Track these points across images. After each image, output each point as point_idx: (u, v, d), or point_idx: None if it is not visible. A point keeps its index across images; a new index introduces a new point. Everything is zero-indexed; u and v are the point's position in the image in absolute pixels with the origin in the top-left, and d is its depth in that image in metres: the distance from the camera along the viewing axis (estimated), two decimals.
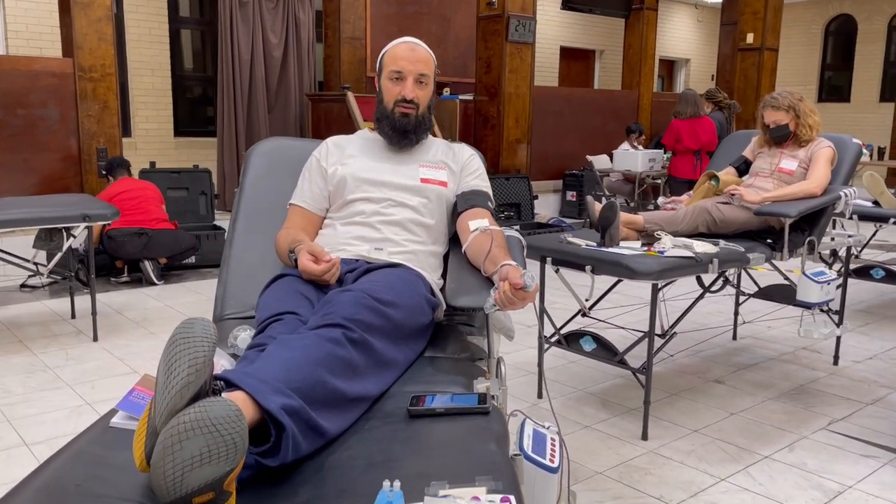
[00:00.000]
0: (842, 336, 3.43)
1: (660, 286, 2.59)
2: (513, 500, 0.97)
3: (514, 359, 3.46)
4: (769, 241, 3.04)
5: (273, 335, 1.37)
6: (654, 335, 2.64)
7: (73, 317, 4.18)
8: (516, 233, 1.88)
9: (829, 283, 2.99)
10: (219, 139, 6.82)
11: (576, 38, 12.52)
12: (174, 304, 4.58)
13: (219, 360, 1.29)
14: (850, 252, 3.51)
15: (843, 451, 2.61)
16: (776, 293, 3.47)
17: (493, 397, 1.31)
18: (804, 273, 2.99)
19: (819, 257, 3.19)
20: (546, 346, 3.02)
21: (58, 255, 3.68)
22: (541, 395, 3.07)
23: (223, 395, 1.06)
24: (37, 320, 4.14)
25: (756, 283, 3.60)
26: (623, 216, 2.88)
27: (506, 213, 7.20)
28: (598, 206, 2.87)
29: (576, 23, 12.20)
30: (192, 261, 5.47)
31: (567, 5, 9.55)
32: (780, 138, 3.22)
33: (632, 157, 7.26)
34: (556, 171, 8.66)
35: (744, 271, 3.54)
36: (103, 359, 3.52)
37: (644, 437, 2.68)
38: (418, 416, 1.24)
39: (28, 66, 5.33)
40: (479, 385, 1.39)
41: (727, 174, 3.36)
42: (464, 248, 1.76)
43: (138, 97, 7.87)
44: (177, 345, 1.02)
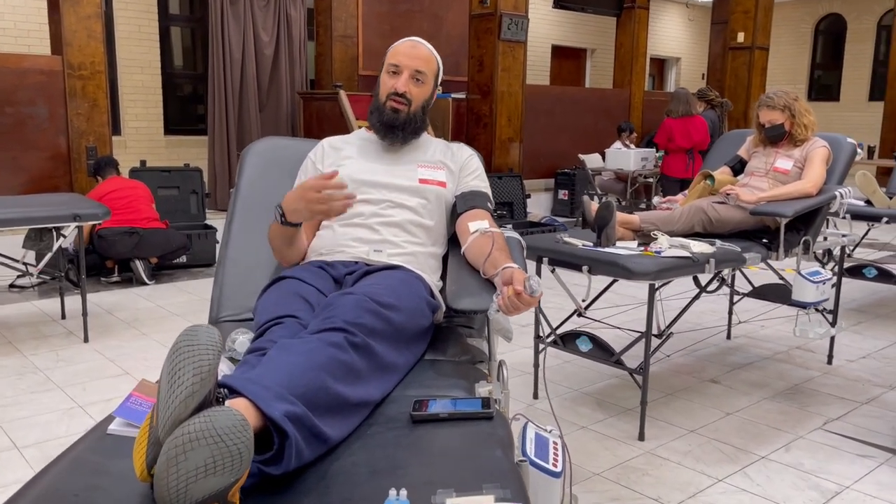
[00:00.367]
0: (836, 335, 3.44)
1: (657, 286, 2.59)
2: None
3: (509, 359, 3.42)
4: (765, 240, 3.04)
5: (273, 339, 1.34)
6: (651, 335, 2.63)
7: (64, 317, 4.13)
8: (516, 234, 1.86)
9: (825, 283, 2.99)
10: (210, 138, 6.77)
11: (567, 37, 12.52)
12: (165, 304, 4.54)
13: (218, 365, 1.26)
14: (843, 251, 3.52)
15: (839, 450, 2.62)
16: (770, 293, 3.47)
17: (496, 401, 1.29)
18: (800, 273, 2.99)
19: (813, 257, 3.19)
20: (542, 346, 3.02)
21: (48, 256, 3.64)
22: (536, 396, 3.05)
23: (226, 403, 1.04)
24: (26, 321, 4.10)
25: (750, 282, 3.60)
26: (619, 216, 2.87)
27: (498, 211, 7.18)
28: (595, 206, 2.86)
29: (567, 21, 12.21)
30: (183, 260, 5.43)
31: (559, 4, 9.55)
32: (776, 138, 3.22)
33: (624, 156, 7.26)
34: (547, 170, 8.67)
35: (738, 271, 3.54)
36: (94, 360, 3.48)
37: (641, 437, 2.68)
38: (421, 422, 1.22)
39: (17, 64, 5.28)
40: (482, 389, 1.38)
41: (722, 173, 3.36)
42: (463, 249, 1.74)
43: (128, 95, 7.80)
44: (180, 352, 1.00)
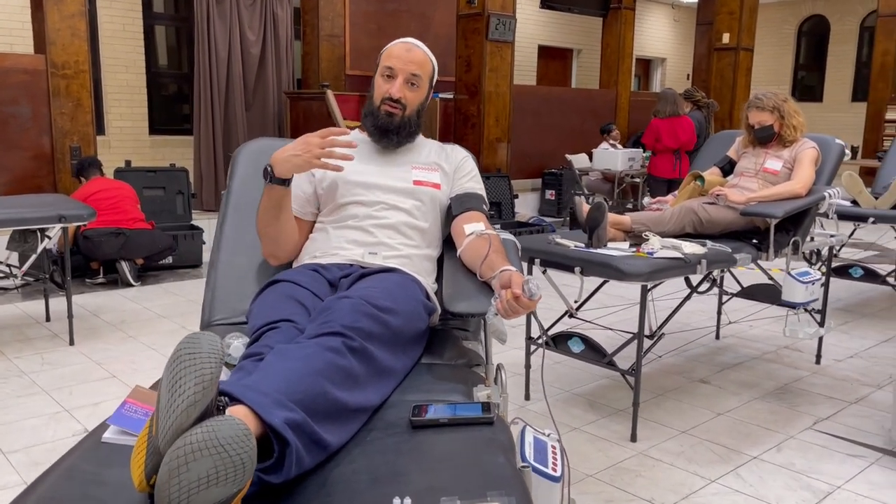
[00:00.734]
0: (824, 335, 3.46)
1: (649, 287, 2.59)
2: None
3: (500, 360, 3.43)
4: (755, 241, 3.05)
5: (269, 344, 1.32)
6: (644, 336, 2.64)
7: (48, 320, 4.08)
8: (511, 236, 1.85)
9: (814, 283, 3.01)
10: (195, 137, 6.72)
11: (553, 37, 12.54)
12: (152, 305, 4.49)
13: None
14: (832, 252, 3.54)
15: (830, 450, 2.63)
16: (759, 293, 3.48)
17: (496, 406, 1.28)
18: (789, 273, 3.00)
19: (802, 257, 3.21)
20: (533, 347, 3.01)
21: (32, 257, 3.59)
22: (528, 397, 3.05)
23: (226, 412, 1.02)
24: (10, 323, 4.04)
25: (739, 282, 3.61)
26: (610, 217, 2.87)
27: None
28: (586, 207, 2.86)
29: (553, 22, 12.23)
30: (169, 261, 5.38)
31: (546, 4, 9.56)
32: (765, 139, 3.23)
33: (612, 157, 7.28)
34: (534, 170, 8.67)
35: (727, 271, 3.56)
36: (80, 363, 3.43)
37: (633, 438, 2.68)
38: (421, 427, 1.21)
39: None
40: (480, 393, 1.37)
41: (712, 174, 3.38)
42: (459, 252, 1.73)
43: (112, 94, 7.72)
44: (181, 360, 0.98)
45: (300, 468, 1.07)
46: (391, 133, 1.81)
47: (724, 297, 3.82)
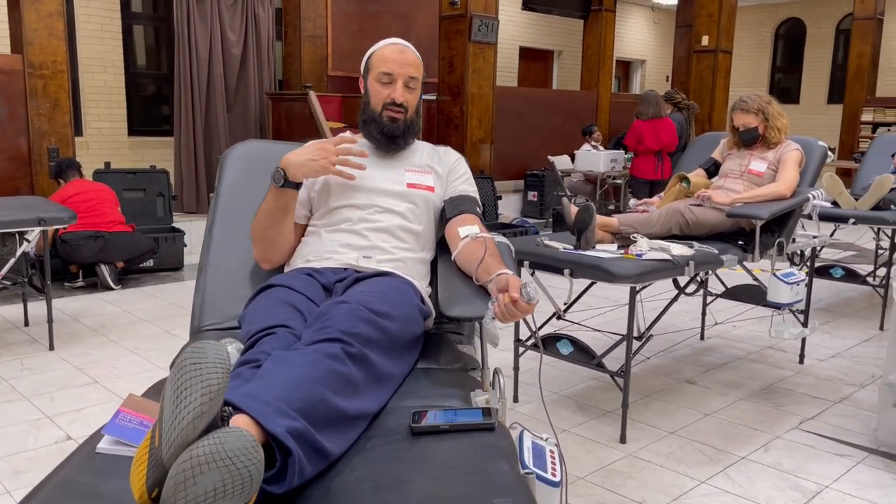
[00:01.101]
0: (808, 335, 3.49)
1: (637, 289, 2.59)
2: None
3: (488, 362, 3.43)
4: (740, 242, 3.07)
5: (266, 350, 1.30)
6: (633, 338, 2.64)
7: (27, 324, 4.00)
8: (504, 238, 1.84)
9: (799, 284, 3.03)
10: (176, 139, 6.64)
11: (535, 39, 12.57)
12: (133, 309, 4.43)
13: None
14: (814, 253, 3.58)
15: (817, 450, 2.65)
16: (743, 293, 3.50)
17: (496, 411, 1.27)
18: (775, 274, 3.02)
19: (786, 258, 3.24)
20: (521, 349, 3.01)
21: (11, 261, 3.52)
22: (517, 399, 3.04)
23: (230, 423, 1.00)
24: None
25: (723, 283, 3.64)
26: (597, 219, 2.87)
27: None
28: (574, 209, 2.86)
29: (534, 23, 12.26)
30: (149, 264, 5.32)
31: (527, 6, 9.59)
32: (750, 141, 3.25)
33: (594, 158, 7.31)
34: (517, 172, 8.68)
35: (712, 272, 3.58)
36: (61, 368, 3.37)
37: (622, 440, 2.68)
38: (421, 434, 1.19)
39: None
40: (479, 398, 1.35)
41: (697, 176, 3.39)
42: (454, 255, 1.71)
43: (90, 95, 7.61)
44: (186, 371, 0.95)
45: (302, 478, 1.05)
46: (398, 138, 1.81)
47: (709, 298, 3.85)
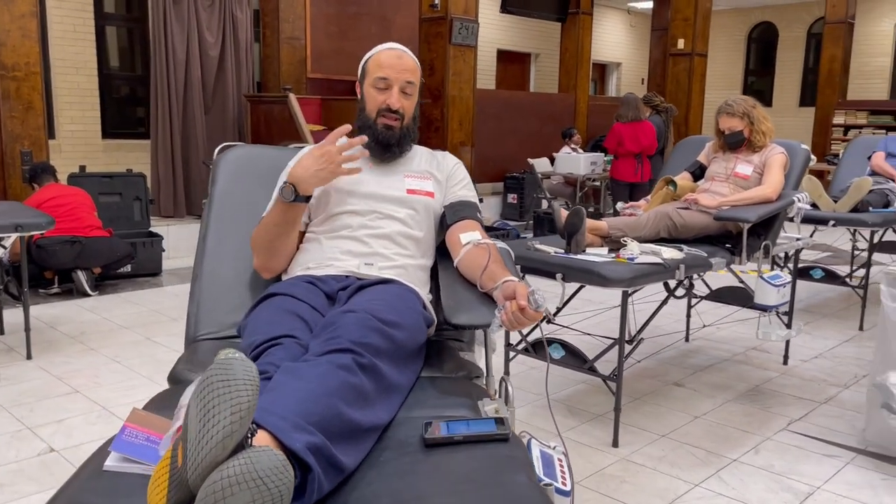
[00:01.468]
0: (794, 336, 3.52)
1: (630, 293, 2.59)
2: None
3: None
4: (727, 245, 3.09)
5: (274, 362, 1.27)
6: (625, 342, 2.64)
7: (2, 333, 3.90)
8: (504, 244, 1.83)
9: (785, 286, 3.06)
10: (153, 142, 6.54)
11: (512, 42, 12.60)
12: (111, 316, 4.34)
13: None
14: (798, 255, 3.62)
15: (806, 451, 2.67)
16: (728, 296, 3.53)
17: (508, 420, 1.25)
18: (762, 277, 3.04)
19: (772, 260, 3.27)
20: (512, 354, 2.99)
21: None
22: (506, 404, 3.02)
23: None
24: None
25: (707, 285, 3.66)
26: (587, 222, 2.87)
27: None
28: (565, 213, 2.85)
29: (512, 26, 12.29)
30: (127, 270, 5.22)
31: (505, 9, 9.61)
32: (735, 144, 3.28)
33: (574, 161, 7.33)
34: (496, 174, 8.69)
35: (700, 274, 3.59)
36: (40, 378, 3.29)
37: (615, 444, 2.68)
38: (435, 445, 1.17)
39: None
40: (487, 407, 1.33)
41: (683, 179, 3.41)
42: (456, 261, 1.69)
43: (63, 97, 7.46)
44: (213, 388, 0.91)
45: (320, 494, 1.02)
46: (393, 146, 1.78)
47: (693, 301, 3.87)
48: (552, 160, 8.08)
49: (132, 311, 4.48)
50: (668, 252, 2.70)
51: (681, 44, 9.99)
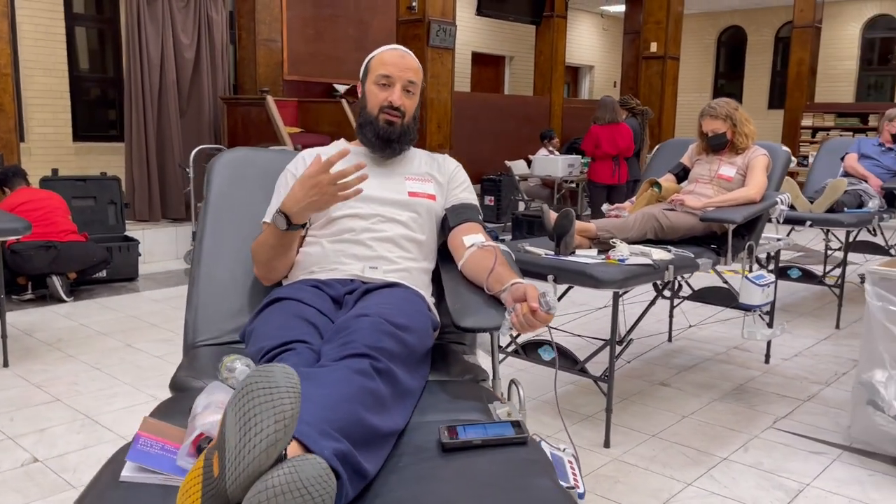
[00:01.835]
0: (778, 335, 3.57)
1: (621, 294, 2.61)
2: None
3: None
4: (713, 246, 3.13)
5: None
6: (616, 343, 2.66)
7: None
8: (505, 246, 1.82)
9: (769, 286, 3.10)
10: (127, 144, 6.44)
11: (487, 44, 12.64)
12: (89, 322, 4.26)
13: (227, 398, 1.16)
14: (779, 255, 3.67)
15: (793, 448, 2.71)
16: (711, 296, 3.57)
17: (524, 424, 1.25)
18: (747, 277, 3.08)
19: (756, 261, 3.31)
20: (502, 356, 2.99)
21: None
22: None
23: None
24: None
25: (689, 285, 3.69)
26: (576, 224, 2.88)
27: None
28: (554, 215, 2.86)
29: (486, 28, 12.33)
30: (102, 275, 5.13)
31: (481, 11, 9.64)
32: (718, 146, 3.32)
33: (552, 163, 7.37)
34: (473, 176, 8.61)
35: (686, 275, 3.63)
36: (18, 386, 3.21)
37: (606, 444, 2.69)
38: (454, 450, 1.16)
39: None
40: (499, 410, 1.33)
41: (667, 181, 3.44)
42: (460, 264, 1.68)
43: (32, 99, 7.30)
44: (254, 395, 0.89)
45: (346, 501, 1.01)
46: (393, 142, 1.77)
47: (676, 301, 3.90)
48: (529, 162, 8.11)
49: (110, 317, 4.39)
50: (658, 253, 2.72)
51: (654, 47, 10.09)
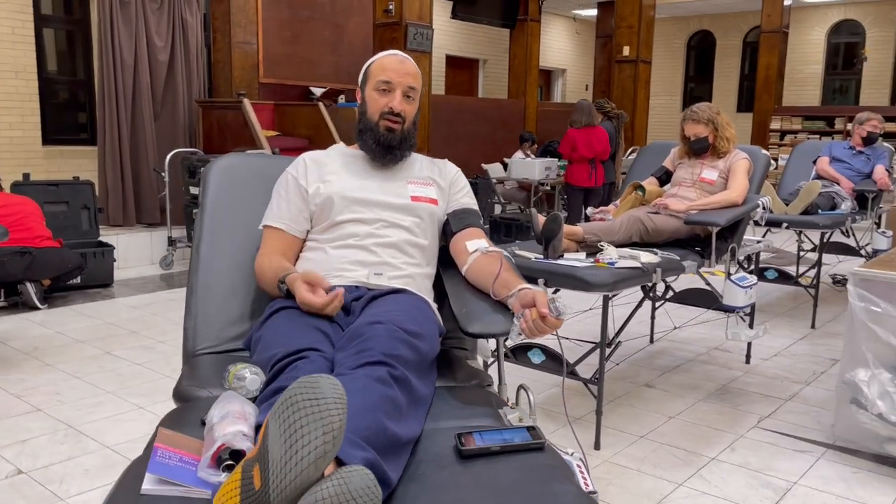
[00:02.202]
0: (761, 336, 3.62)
1: (610, 296, 2.63)
2: None
3: None
4: (697, 248, 3.17)
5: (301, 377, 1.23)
6: (605, 345, 2.68)
7: None
8: (504, 251, 1.83)
9: (752, 288, 3.15)
10: (100, 148, 6.33)
11: (461, 48, 12.67)
12: (65, 329, 4.18)
13: (244, 408, 1.14)
14: (759, 256, 3.73)
15: (778, 447, 2.75)
16: (693, 297, 3.61)
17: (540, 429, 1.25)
18: (730, 279, 3.13)
19: (737, 263, 3.36)
20: (491, 360, 3.00)
21: None
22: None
23: None
24: None
25: (671, 287, 3.73)
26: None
27: None
28: (542, 218, 2.88)
29: (460, 32, 12.36)
30: (76, 281, 5.03)
31: (455, 15, 9.66)
32: (700, 150, 3.37)
33: (529, 166, 7.41)
34: None
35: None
36: None
37: (597, 446, 2.71)
38: (471, 457, 1.16)
39: None
40: (511, 416, 1.33)
41: (650, 184, 3.48)
42: (464, 269, 1.68)
43: (1, 102, 7.14)
44: (301, 407, 0.88)
45: None
46: (394, 148, 1.76)
47: (658, 302, 3.94)
48: (505, 165, 8.14)
49: (86, 324, 4.31)
50: (646, 256, 2.75)
51: (626, 51, 10.21)
